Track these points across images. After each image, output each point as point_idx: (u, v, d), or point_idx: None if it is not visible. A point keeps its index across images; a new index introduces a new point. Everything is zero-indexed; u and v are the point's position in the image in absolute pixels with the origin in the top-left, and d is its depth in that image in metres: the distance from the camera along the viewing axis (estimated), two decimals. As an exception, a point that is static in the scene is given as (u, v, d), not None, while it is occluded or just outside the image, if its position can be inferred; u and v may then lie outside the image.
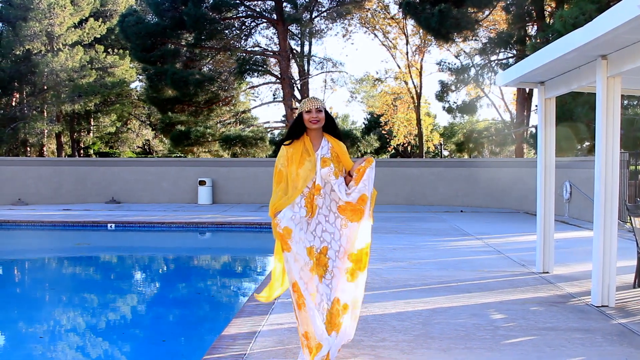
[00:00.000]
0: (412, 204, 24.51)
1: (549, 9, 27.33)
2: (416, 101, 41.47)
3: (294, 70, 36.01)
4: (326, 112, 5.27)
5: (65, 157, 40.62)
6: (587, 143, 25.88)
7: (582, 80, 8.36)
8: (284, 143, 5.30)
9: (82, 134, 45.23)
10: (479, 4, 27.34)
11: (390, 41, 41.86)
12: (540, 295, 8.00)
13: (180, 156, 38.42)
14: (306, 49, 38.30)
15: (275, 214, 5.11)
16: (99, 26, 39.12)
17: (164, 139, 44.10)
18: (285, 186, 5.18)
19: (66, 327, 8.54)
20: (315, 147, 5.24)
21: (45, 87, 37.57)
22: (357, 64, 79.69)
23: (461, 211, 22.14)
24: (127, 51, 38.11)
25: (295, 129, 5.27)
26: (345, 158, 5.27)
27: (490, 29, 33.41)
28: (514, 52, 30.10)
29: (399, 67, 42.41)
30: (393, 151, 47.30)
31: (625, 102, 20.87)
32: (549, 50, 7.92)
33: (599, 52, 7.35)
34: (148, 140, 51.28)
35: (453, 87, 32.94)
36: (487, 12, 30.46)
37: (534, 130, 28.78)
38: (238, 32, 33.86)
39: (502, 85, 10.36)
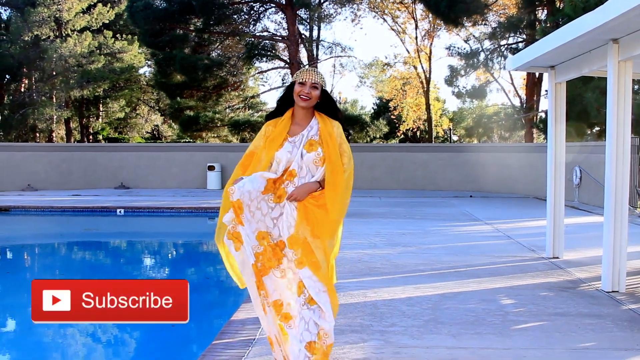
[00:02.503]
0: (421, 189, 24.46)
1: (559, -7, 27.17)
2: (425, 86, 41.32)
3: (303, 55, 35.90)
4: (324, 91, 4.42)
5: (74, 142, 40.65)
6: (597, 128, 25.77)
7: (593, 65, 8.30)
8: (268, 121, 4.52)
9: (91, 119, 45.22)
10: (489, -12, 27.23)
11: (400, 26, 41.69)
12: (550, 280, 7.98)
13: (189, 141, 38.40)
14: (315, 33, 38.16)
15: (234, 181, 4.36)
16: (108, 11, 39.01)
17: (173, 124, 44.08)
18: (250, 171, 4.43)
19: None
20: (301, 127, 4.41)
21: (54, 73, 37.53)
22: (366, 49, 79.35)
23: (470, 196, 22.09)
24: (136, 36, 38.02)
25: (284, 102, 4.50)
26: (331, 144, 4.34)
27: (500, 14, 33.21)
28: (524, 36, 29.96)
29: (408, 52, 42.24)
30: (402, 136, 47.14)
31: (636, 86, 20.75)
32: (560, 34, 7.86)
33: (610, 35, 7.29)
34: (157, 125, 51.23)
35: (462, 72, 32.82)
36: (496, -4, 30.33)
37: (543, 115, 28.66)
38: (246, 16, 33.74)
39: (512, 69, 10.31)
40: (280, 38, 34.39)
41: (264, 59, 35.60)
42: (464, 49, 33.66)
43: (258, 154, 4.44)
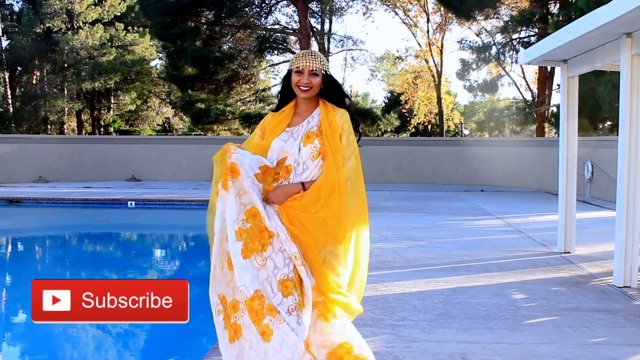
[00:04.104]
0: (432, 182, 24.44)
1: (572, -13, 27.02)
2: (437, 80, 41.19)
3: (314, 48, 35.87)
4: (327, 76, 3.81)
5: (85, 134, 40.78)
6: (609, 122, 25.65)
7: (606, 59, 8.26)
8: (271, 111, 4.01)
9: (102, 111, 45.32)
10: (501, -18, 27.11)
11: (411, 19, 41.53)
12: (562, 275, 7.95)
13: (200, 134, 38.45)
14: (326, 26, 38.10)
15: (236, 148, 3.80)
16: (119, 4, 39.07)
17: (184, 117, 44.14)
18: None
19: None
20: (302, 118, 3.85)
21: (66, 65, 37.63)
22: (377, 42, 79.57)
23: (481, 190, 22.04)
24: (147, 29, 38.07)
25: (284, 95, 3.94)
26: (330, 136, 3.73)
27: (512, 7, 33.03)
28: (536, 30, 29.82)
29: (420, 46, 42.09)
30: (413, 130, 47.06)
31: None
32: (573, 28, 7.82)
33: (624, 29, 7.24)
34: (168, 118, 51.31)
35: (474, 66, 32.73)
36: (509, -10, 30.20)
37: (555, 109, 28.55)
38: (258, 9, 33.71)
39: (525, 63, 10.27)
40: (291, 31, 34.33)
41: (275, 52, 35.56)
42: (476, 42, 33.56)
43: (253, 144, 3.93)
